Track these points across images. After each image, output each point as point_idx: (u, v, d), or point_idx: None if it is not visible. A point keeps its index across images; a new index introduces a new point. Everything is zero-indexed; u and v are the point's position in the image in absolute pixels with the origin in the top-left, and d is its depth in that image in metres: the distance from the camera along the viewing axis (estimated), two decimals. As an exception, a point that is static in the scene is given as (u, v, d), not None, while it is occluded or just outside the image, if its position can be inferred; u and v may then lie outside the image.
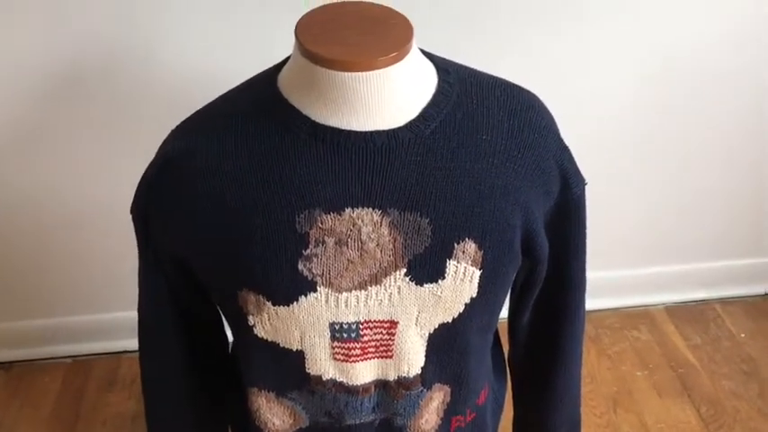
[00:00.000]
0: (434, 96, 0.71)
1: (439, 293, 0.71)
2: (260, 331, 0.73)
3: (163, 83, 1.27)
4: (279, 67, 0.74)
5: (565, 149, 0.77)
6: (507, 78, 0.78)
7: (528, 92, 0.78)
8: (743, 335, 1.58)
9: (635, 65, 1.36)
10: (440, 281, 0.70)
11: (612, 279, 1.65)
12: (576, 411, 1.05)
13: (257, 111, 0.71)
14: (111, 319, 1.54)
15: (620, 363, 1.52)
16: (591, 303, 1.61)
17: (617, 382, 1.47)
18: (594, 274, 1.63)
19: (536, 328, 0.92)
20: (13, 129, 1.31)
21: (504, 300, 0.82)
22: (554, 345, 0.93)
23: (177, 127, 0.75)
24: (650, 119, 1.42)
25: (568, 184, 0.76)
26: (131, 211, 0.76)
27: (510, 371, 1.02)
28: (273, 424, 0.82)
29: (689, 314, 1.64)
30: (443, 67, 0.74)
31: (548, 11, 1.28)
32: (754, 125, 1.45)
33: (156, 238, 0.75)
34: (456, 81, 0.73)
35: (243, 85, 0.76)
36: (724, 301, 1.67)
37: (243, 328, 0.74)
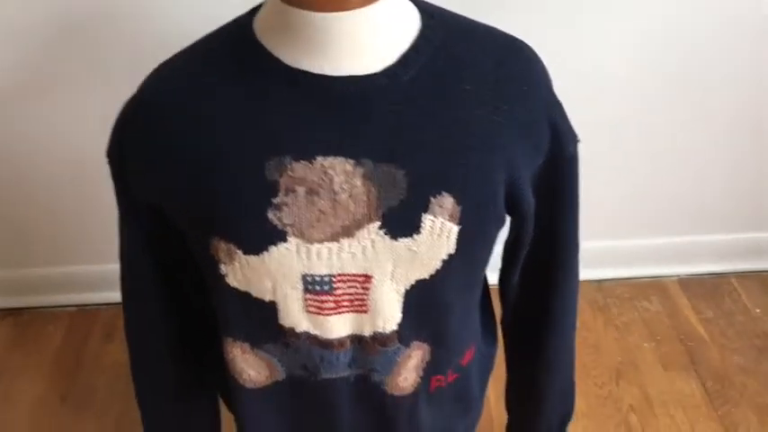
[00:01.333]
0: (415, 41, 0.68)
1: (414, 248, 0.69)
2: (232, 281, 0.72)
3: (173, 26, 1.25)
4: (257, 9, 0.71)
5: (557, 104, 0.74)
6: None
7: (521, 42, 0.74)
8: (758, 310, 1.53)
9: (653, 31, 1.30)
10: (415, 235, 0.68)
11: (624, 248, 1.61)
12: (569, 378, 1.02)
13: (231, 53, 0.69)
14: (116, 269, 1.54)
15: (628, 333, 1.48)
16: (601, 272, 1.61)
17: (622, 352, 1.44)
18: (606, 242, 1.62)
19: (526, 289, 0.89)
20: (22, 75, 1.31)
21: (488, 258, 0.79)
22: (545, 307, 0.90)
23: (154, 70, 0.73)
24: (663, 82, 1.38)
25: (560, 140, 0.73)
26: (107, 155, 0.75)
27: (502, 333, 1.00)
28: (249, 375, 0.82)
29: (703, 287, 1.60)
30: (428, 10, 0.71)
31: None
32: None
33: (131, 183, 0.74)
34: (441, 26, 0.70)
35: (221, 27, 0.74)
36: (741, 275, 1.62)
37: (216, 277, 0.73)
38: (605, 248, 1.58)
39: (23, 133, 1.38)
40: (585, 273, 1.57)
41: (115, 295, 1.54)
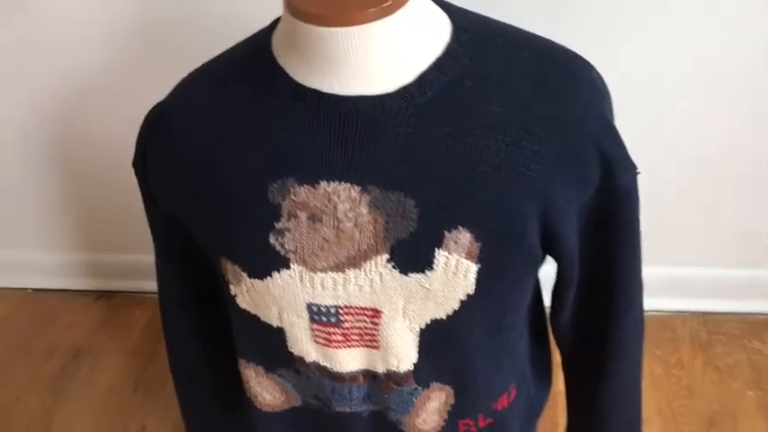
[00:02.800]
0: (439, 58, 0.62)
1: (427, 285, 0.63)
2: (241, 302, 0.71)
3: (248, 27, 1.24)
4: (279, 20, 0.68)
5: (609, 130, 0.65)
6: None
7: (575, 57, 0.66)
8: None
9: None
10: (427, 271, 0.63)
11: (739, 278, 1.44)
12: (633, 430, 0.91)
13: (246, 68, 0.68)
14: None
15: (730, 378, 1.32)
16: (708, 304, 1.45)
17: (720, 399, 1.28)
18: (716, 270, 1.45)
19: (580, 333, 0.81)
20: (100, 72, 1.36)
21: (523, 300, 0.74)
22: (600, 355, 0.81)
23: (181, 79, 0.72)
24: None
25: (611, 170, 0.64)
26: (132, 165, 0.75)
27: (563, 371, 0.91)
28: (264, 398, 0.80)
29: (832, 330, 1.39)
30: (461, 23, 0.64)
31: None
32: None
33: (156, 195, 0.74)
34: (473, 41, 0.63)
35: (248, 37, 0.72)
36: None
37: (229, 297, 0.72)
38: (715, 277, 1.42)
39: (126, 122, 1.41)
40: (689, 303, 1.45)
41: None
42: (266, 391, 0.79)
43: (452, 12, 0.65)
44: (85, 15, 1.30)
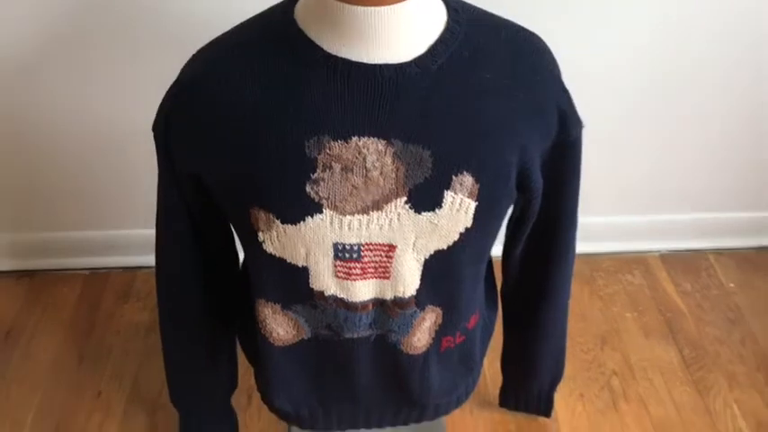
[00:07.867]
0: (443, 34, 0.74)
1: (436, 222, 0.76)
2: (269, 247, 0.79)
3: (198, 6, 1.24)
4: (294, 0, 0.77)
5: (564, 93, 0.81)
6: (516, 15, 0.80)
7: (533, 35, 0.81)
8: (732, 285, 1.62)
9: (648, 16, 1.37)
10: (437, 210, 0.75)
11: (611, 224, 1.69)
12: (562, 344, 1.12)
13: (272, 40, 0.74)
14: (128, 235, 1.60)
15: (612, 304, 1.57)
16: (589, 246, 1.69)
17: (607, 321, 1.52)
18: (595, 219, 1.69)
19: (527, 262, 0.98)
20: (53, 49, 1.33)
21: (498, 232, 0.86)
22: (543, 279, 0.99)
23: (195, 54, 0.78)
24: (659, 66, 1.43)
25: (566, 126, 0.80)
26: (153, 129, 0.80)
27: (502, 302, 1.08)
28: (278, 333, 0.89)
29: (682, 262, 1.69)
30: (453, 6, 0.77)
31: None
32: (755, 77, 1.46)
33: (175, 157, 0.80)
34: (464, 20, 0.76)
35: (258, 15, 0.78)
36: (718, 252, 1.72)
37: (253, 244, 0.79)
38: (594, 224, 1.65)
39: (44, 100, 1.40)
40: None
41: (127, 260, 1.62)
42: (281, 327, 0.88)
43: None
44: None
